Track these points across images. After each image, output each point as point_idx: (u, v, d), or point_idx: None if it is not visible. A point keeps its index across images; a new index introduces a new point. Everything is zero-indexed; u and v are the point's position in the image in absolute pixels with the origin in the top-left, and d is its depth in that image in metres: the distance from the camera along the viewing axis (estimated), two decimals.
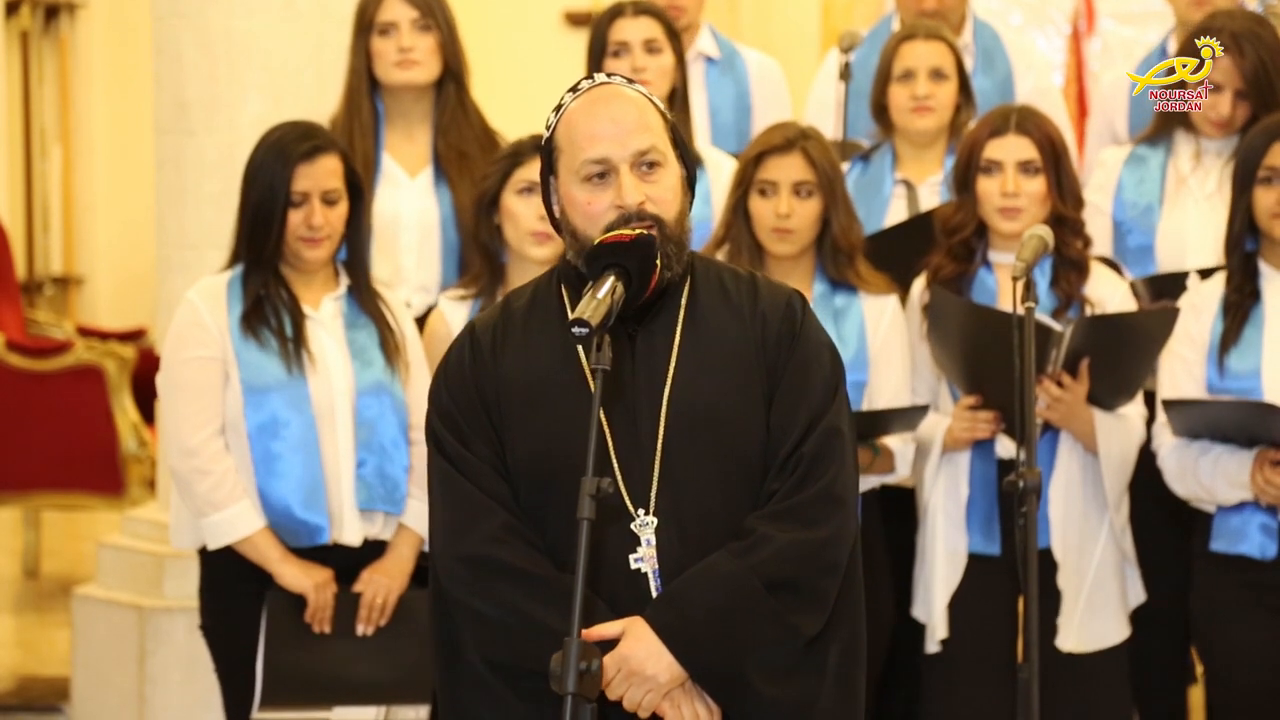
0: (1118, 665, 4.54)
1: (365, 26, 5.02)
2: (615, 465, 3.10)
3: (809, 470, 3.08)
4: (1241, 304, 4.39)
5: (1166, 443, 4.44)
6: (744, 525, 3.08)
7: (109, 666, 5.73)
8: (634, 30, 5.16)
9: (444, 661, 3.19)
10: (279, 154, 4.33)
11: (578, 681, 2.87)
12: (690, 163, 3.21)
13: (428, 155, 5.07)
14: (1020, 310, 3.78)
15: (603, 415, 3.05)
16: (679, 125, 3.24)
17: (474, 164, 4.99)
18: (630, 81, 3.21)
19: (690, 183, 3.20)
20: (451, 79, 5.05)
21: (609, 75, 3.22)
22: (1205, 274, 4.63)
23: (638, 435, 3.10)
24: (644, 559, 3.08)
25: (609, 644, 3.04)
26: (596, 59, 5.21)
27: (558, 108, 3.19)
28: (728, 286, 3.20)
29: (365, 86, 5.02)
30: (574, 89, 3.20)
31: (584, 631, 2.91)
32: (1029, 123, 4.53)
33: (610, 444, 3.10)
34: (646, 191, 3.11)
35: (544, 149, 3.20)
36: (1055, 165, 4.51)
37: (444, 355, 3.27)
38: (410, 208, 5.00)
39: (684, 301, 3.18)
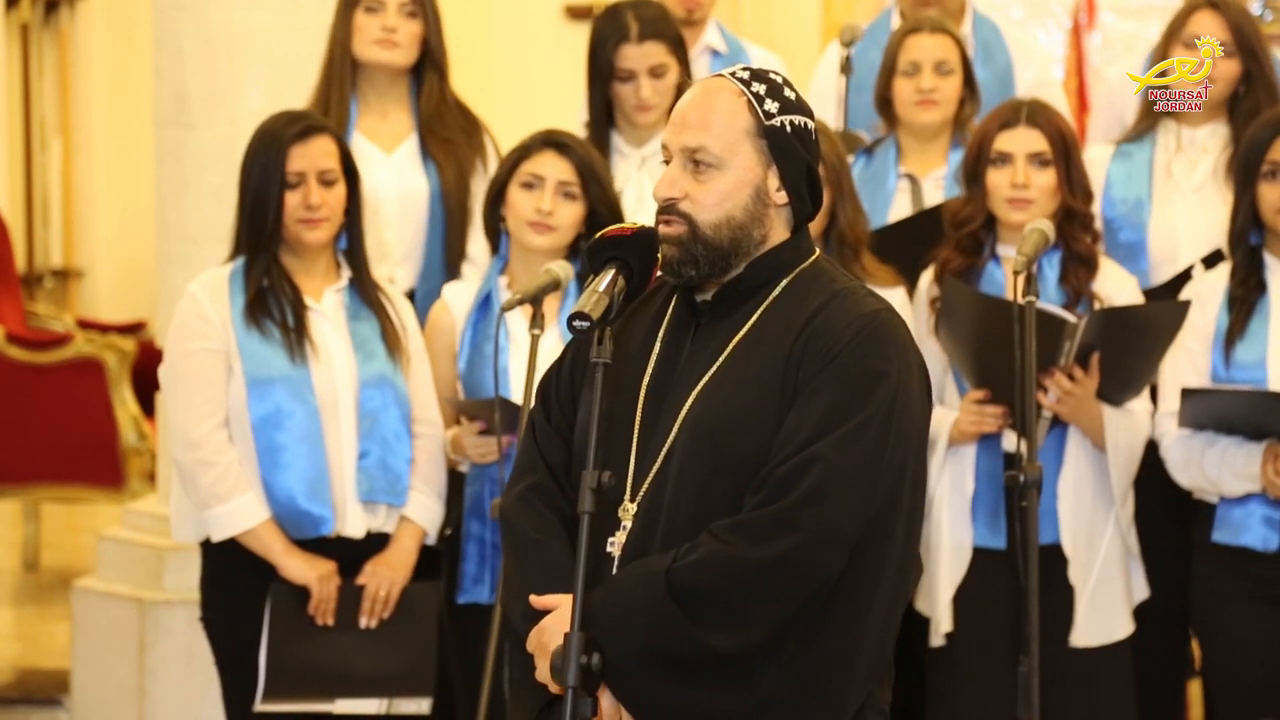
0: (1122, 660, 4.54)
1: (352, 1, 5.01)
2: (634, 449, 3.12)
3: (773, 492, 2.99)
4: (1247, 297, 4.41)
5: (1171, 433, 4.45)
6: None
7: (109, 659, 5.73)
8: (639, 59, 5.01)
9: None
10: (272, 138, 4.34)
11: (579, 675, 2.90)
12: (792, 174, 3.12)
13: (404, 134, 5.04)
14: (1021, 303, 3.77)
15: (641, 399, 3.11)
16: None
17: (459, 149, 4.98)
18: (749, 80, 3.14)
19: (797, 194, 3.12)
20: (434, 69, 5.02)
21: (734, 73, 3.15)
22: (1209, 262, 4.63)
23: (658, 426, 3.11)
24: (615, 544, 3.10)
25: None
26: (600, 78, 5.06)
27: None
28: (812, 297, 3.12)
29: (347, 60, 5.00)
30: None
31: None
32: (1040, 115, 4.52)
33: (637, 428, 3.12)
34: (688, 189, 3.09)
35: None
36: (1065, 159, 4.50)
37: None
38: (388, 182, 4.98)
39: (763, 307, 3.13)
